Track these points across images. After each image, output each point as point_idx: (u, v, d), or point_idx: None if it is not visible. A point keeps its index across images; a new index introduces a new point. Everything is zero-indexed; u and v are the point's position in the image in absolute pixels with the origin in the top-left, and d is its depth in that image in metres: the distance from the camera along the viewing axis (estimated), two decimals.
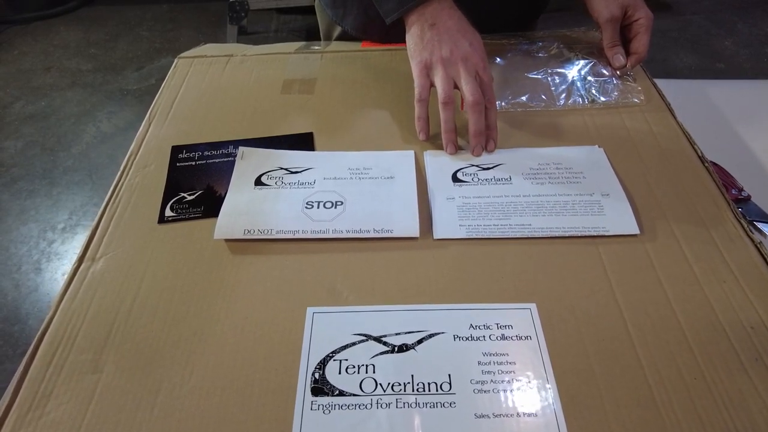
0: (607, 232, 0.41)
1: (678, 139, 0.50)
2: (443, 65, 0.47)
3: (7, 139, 1.71)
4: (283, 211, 0.43)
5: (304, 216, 0.43)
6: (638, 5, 0.56)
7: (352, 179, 0.46)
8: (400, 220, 0.42)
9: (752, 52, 1.86)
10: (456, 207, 0.43)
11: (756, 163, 0.60)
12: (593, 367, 0.33)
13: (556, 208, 0.43)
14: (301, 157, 0.49)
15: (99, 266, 0.41)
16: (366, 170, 0.47)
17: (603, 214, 0.42)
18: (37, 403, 0.33)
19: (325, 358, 0.34)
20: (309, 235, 0.41)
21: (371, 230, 0.41)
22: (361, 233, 0.41)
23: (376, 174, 0.46)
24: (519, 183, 0.45)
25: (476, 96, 0.46)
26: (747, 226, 0.42)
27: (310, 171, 0.47)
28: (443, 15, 0.48)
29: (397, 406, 0.31)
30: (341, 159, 0.48)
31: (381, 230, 0.41)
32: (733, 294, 0.37)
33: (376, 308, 0.37)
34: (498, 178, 0.46)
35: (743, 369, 0.33)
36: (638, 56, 0.56)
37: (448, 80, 0.47)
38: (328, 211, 0.43)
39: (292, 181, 0.46)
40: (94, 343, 0.36)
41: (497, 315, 0.36)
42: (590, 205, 0.43)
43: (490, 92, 0.48)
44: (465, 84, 0.46)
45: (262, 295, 0.38)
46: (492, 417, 0.31)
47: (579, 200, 0.44)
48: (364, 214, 0.43)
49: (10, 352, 1.14)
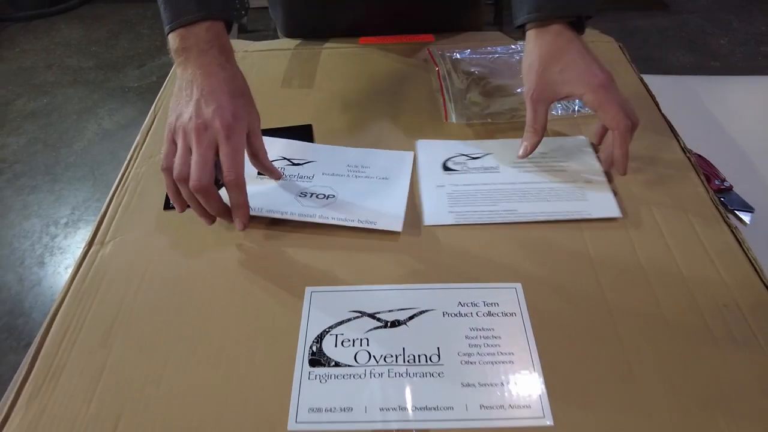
0: (589, 216, 0.43)
1: (662, 130, 0.52)
2: (183, 133, 0.39)
3: (10, 136, 1.73)
4: (277, 197, 0.45)
5: (296, 202, 0.45)
6: (575, 80, 0.43)
7: (348, 176, 0.48)
8: (385, 214, 0.44)
9: (747, 50, 1.88)
10: (446, 194, 0.45)
11: (739, 155, 0.62)
12: (574, 341, 0.35)
13: (541, 195, 0.45)
14: (304, 149, 0.51)
15: (108, 250, 0.43)
16: (364, 168, 0.49)
17: (586, 199, 0.44)
18: (51, 376, 0.35)
19: (322, 332, 0.36)
20: (296, 218, 0.43)
21: (356, 220, 0.43)
22: (345, 221, 0.43)
23: (373, 173, 0.48)
24: (506, 171, 0.47)
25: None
26: (724, 212, 0.44)
27: (311, 164, 0.49)
28: (206, 57, 0.41)
29: (389, 375, 0.34)
30: (342, 154, 0.50)
31: (366, 221, 0.43)
32: (709, 275, 0.39)
33: (370, 287, 0.39)
34: (486, 166, 0.48)
35: (715, 344, 0.35)
36: (618, 132, 0.42)
37: (184, 153, 0.39)
38: (319, 200, 0.45)
39: (292, 173, 0.48)
40: (103, 321, 0.38)
41: (484, 294, 0.38)
42: (574, 191, 0.45)
43: (228, 163, 0.39)
44: (192, 162, 0.38)
45: (262, 275, 0.40)
46: (477, 386, 0.33)
47: (563, 187, 0.46)
48: (353, 207, 0.45)
49: (14, 344, 1.16)
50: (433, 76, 0.59)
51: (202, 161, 0.38)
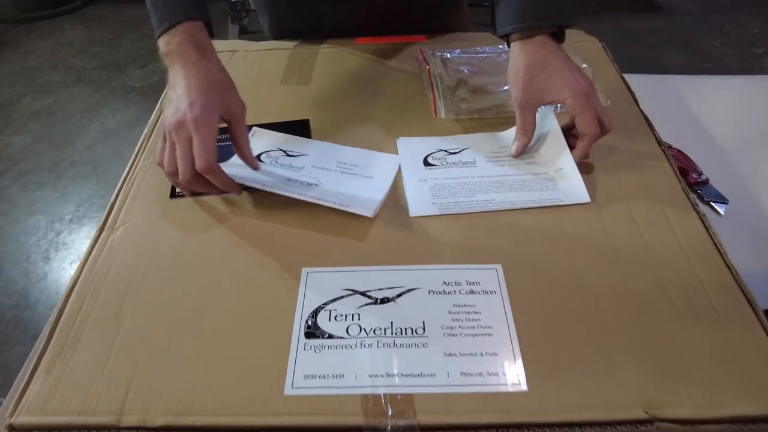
0: (561, 203, 0.46)
1: (640, 125, 0.55)
2: (168, 131, 0.43)
3: (15, 135, 1.76)
4: (263, 178, 0.48)
5: (280, 183, 0.48)
6: (559, 87, 0.46)
7: (335, 171, 0.51)
8: (360, 200, 0.46)
9: (739, 52, 1.92)
10: (428, 188, 0.49)
11: (716, 151, 0.65)
12: (549, 316, 0.38)
13: (516, 185, 0.48)
14: (301, 143, 0.54)
15: (118, 234, 0.46)
16: (352, 166, 0.52)
17: (557, 188, 0.48)
18: (68, 345, 0.38)
19: (317, 308, 0.39)
20: (275, 190, 0.46)
21: (330, 201, 0.45)
22: (319, 201, 0.45)
23: (359, 171, 0.51)
24: (482, 165, 0.51)
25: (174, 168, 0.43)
26: (693, 200, 0.47)
27: (304, 157, 0.52)
28: (183, 57, 0.44)
29: (377, 346, 0.37)
30: (335, 151, 0.53)
31: (340, 204, 0.45)
32: (677, 257, 0.42)
33: (362, 269, 0.42)
34: (464, 161, 0.51)
35: (678, 318, 0.38)
36: (590, 137, 0.47)
37: (170, 150, 0.43)
38: (300, 185, 0.48)
39: (284, 163, 0.51)
40: (115, 296, 0.41)
41: (467, 274, 0.41)
42: (546, 181, 0.49)
43: (198, 152, 0.41)
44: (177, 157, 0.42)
45: (261, 257, 0.43)
46: (459, 355, 0.36)
47: (535, 176, 0.49)
48: (331, 192, 0.47)
49: (21, 335, 1.19)
50: (425, 74, 0.62)
51: (183, 156, 0.42)
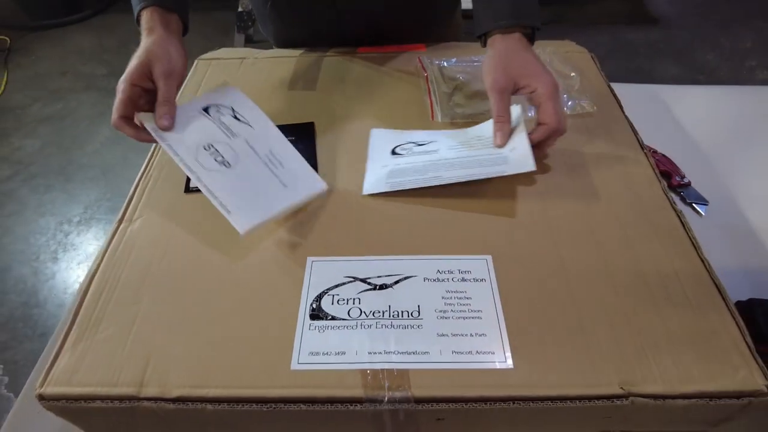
0: (505, 173, 0.48)
1: (624, 129, 0.59)
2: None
3: (26, 138, 1.81)
4: (188, 136, 0.49)
5: (193, 151, 0.48)
6: (529, 75, 0.50)
7: (261, 159, 0.50)
8: (244, 212, 0.45)
9: (732, 65, 1.96)
10: (387, 171, 0.52)
11: (698, 155, 0.69)
12: (534, 302, 0.42)
13: (465, 163, 0.51)
14: (252, 113, 0.53)
15: (136, 225, 0.49)
16: (279, 164, 0.50)
17: (506, 162, 0.50)
18: (91, 325, 0.41)
19: (321, 293, 0.42)
20: (178, 161, 0.47)
21: (214, 198, 0.45)
22: (205, 193, 0.46)
23: (280, 175, 0.49)
24: (444, 152, 0.54)
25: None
26: (672, 198, 0.50)
27: (245, 126, 0.52)
28: (142, 39, 0.52)
29: (376, 327, 0.40)
30: (272, 139, 0.52)
31: (220, 204, 0.45)
32: (655, 251, 0.46)
33: (363, 258, 0.45)
34: (428, 150, 0.55)
35: (654, 306, 0.41)
36: (548, 127, 0.50)
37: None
38: (214, 162, 0.48)
39: (226, 122, 0.51)
40: (133, 282, 0.44)
41: (459, 264, 0.44)
42: (497, 158, 0.50)
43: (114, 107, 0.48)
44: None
45: (270, 247, 0.47)
46: (450, 336, 0.39)
47: (487, 155, 0.51)
48: (226, 190, 0.46)
49: (29, 332, 1.23)
50: (422, 81, 0.66)
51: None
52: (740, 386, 0.36)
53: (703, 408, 0.37)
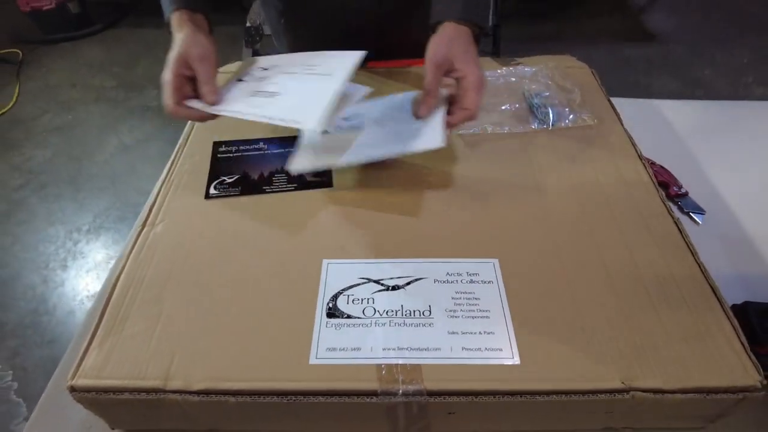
0: (411, 150, 0.52)
1: (624, 142, 0.62)
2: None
3: (36, 148, 1.84)
4: (235, 93, 0.56)
5: (244, 99, 0.54)
6: (467, 61, 0.53)
7: (299, 74, 0.57)
8: (303, 110, 0.51)
9: (728, 81, 2.00)
10: (313, 149, 0.57)
11: (695, 166, 0.71)
12: (539, 302, 0.44)
13: (389, 138, 0.55)
14: (277, 59, 0.61)
15: (158, 229, 0.52)
16: (313, 66, 0.57)
17: (420, 137, 0.53)
18: (118, 323, 0.43)
19: (337, 293, 0.45)
20: (230, 114, 0.53)
21: (276, 118, 0.50)
22: (264, 119, 0.51)
23: (318, 71, 0.56)
24: (369, 128, 0.57)
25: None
26: (669, 207, 0.52)
27: (275, 67, 0.59)
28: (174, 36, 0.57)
29: (390, 325, 0.42)
30: (303, 57, 0.60)
31: (282, 119, 0.50)
32: (652, 255, 0.48)
33: (376, 261, 0.47)
34: (355, 125, 0.58)
35: (652, 307, 0.44)
36: (467, 113, 0.53)
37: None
38: (264, 99, 0.54)
39: (258, 75, 0.59)
40: (157, 283, 0.47)
41: (468, 266, 0.47)
42: (415, 131, 0.54)
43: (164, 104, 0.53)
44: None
45: (288, 250, 0.49)
46: (460, 333, 0.41)
47: (407, 129, 0.54)
48: (280, 104, 0.53)
49: (39, 339, 1.24)
50: None
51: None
52: (735, 382, 0.38)
53: (700, 402, 0.39)
